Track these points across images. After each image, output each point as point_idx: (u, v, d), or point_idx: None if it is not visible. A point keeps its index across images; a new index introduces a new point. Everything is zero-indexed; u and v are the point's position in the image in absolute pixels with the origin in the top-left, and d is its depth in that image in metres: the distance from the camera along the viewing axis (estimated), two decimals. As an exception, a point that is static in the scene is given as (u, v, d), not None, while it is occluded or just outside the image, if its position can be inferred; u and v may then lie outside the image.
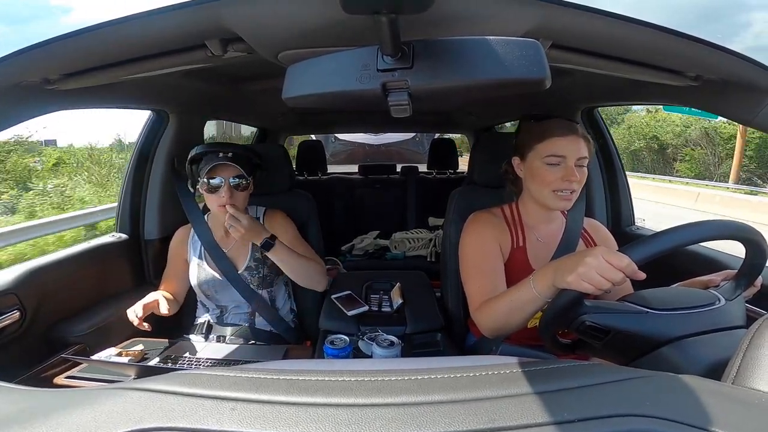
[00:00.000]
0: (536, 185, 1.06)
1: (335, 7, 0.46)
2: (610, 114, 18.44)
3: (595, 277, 0.68)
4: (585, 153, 1.02)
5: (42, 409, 0.39)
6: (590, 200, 1.65)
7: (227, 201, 1.23)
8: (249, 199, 1.37)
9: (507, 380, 0.42)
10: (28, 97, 0.87)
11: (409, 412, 0.37)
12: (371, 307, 1.31)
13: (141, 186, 1.61)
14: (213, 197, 1.25)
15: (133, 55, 0.81)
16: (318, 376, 0.44)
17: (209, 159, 1.24)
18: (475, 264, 1.09)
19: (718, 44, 0.66)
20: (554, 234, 1.15)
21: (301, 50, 0.76)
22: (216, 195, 1.24)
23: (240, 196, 1.27)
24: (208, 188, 1.24)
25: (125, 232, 1.59)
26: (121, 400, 0.39)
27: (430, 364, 0.55)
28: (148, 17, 0.63)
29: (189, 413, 0.37)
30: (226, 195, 1.23)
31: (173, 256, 1.43)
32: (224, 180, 1.24)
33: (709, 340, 0.69)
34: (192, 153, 1.29)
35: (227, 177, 1.24)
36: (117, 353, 1.13)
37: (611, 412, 0.36)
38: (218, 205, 1.25)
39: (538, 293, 0.79)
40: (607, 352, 0.76)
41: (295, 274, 1.31)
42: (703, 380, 0.43)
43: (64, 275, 1.29)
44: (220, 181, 1.24)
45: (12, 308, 1.08)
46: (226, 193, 1.23)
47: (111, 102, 1.25)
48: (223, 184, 1.24)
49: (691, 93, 0.93)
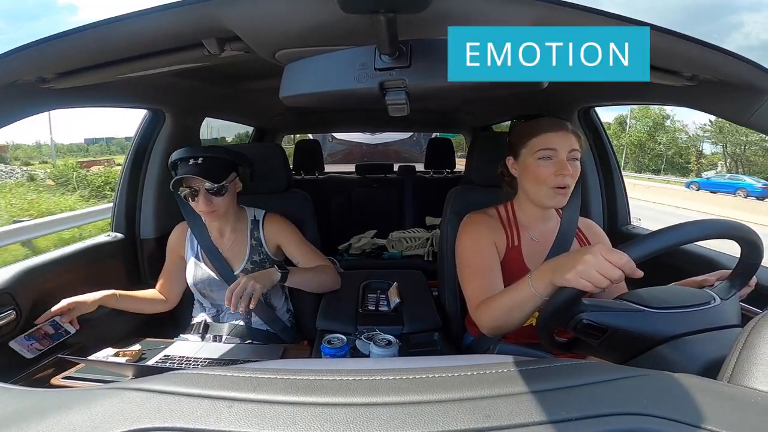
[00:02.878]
0: (530, 182, 1.07)
1: (333, 6, 0.46)
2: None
3: (594, 275, 0.69)
4: (576, 146, 1.03)
5: (38, 409, 0.39)
6: (586, 199, 1.66)
7: (205, 208, 1.23)
8: (241, 198, 1.37)
9: (504, 379, 0.42)
10: (23, 95, 0.86)
11: (406, 411, 0.37)
12: (368, 306, 1.31)
13: (137, 185, 1.60)
14: (194, 204, 1.25)
15: (129, 54, 0.81)
16: (315, 376, 0.44)
17: (182, 167, 1.23)
18: (472, 264, 1.09)
19: (714, 44, 0.66)
20: (549, 233, 1.15)
21: (298, 49, 0.75)
22: (195, 202, 1.24)
23: (219, 201, 1.25)
24: (187, 196, 1.24)
25: (121, 231, 1.59)
26: (117, 400, 0.39)
27: (427, 363, 0.55)
28: (145, 16, 0.63)
29: (186, 413, 0.37)
30: (203, 203, 1.22)
31: (170, 252, 1.42)
32: (199, 189, 1.22)
33: (704, 339, 0.69)
34: (171, 158, 1.27)
35: (200, 185, 1.22)
36: (114, 353, 1.12)
37: (608, 411, 0.36)
38: (200, 211, 1.25)
39: (537, 291, 0.79)
40: (604, 350, 0.76)
41: (312, 288, 1.33)
42: (699, 379, 0.43)
43: (59, 275, 1.28)
44: (195, 191, 1.22)
45: (7, 308, 1.07)
46: (203, 201, 1.22)
47: (107, 101, 1.25)
48: (198, 192, 1.22)
49: (687, 93, 0.94)
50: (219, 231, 1.37)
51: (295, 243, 1.38)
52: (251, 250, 1.36)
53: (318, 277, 1.33)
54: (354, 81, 0.54)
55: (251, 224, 1.38)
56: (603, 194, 1.75)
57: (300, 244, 1.38)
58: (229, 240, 1.37)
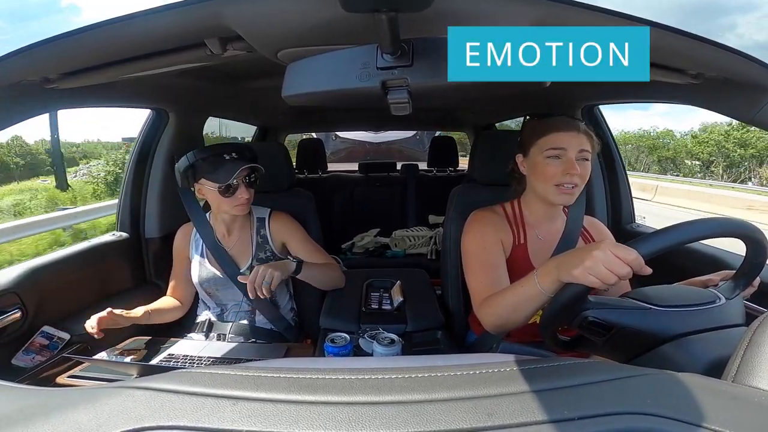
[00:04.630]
0: (538, 180, 1.07)
1: (335, 5, 0.46)
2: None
3: (603, 271, 0.68)
4: (587, 147, 1.03)
5: (43, 408, 0.39)
6: (591, 198, 1.65)
7: (247, 196, 1.25)
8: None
9: (507, 378, 0.42)
10: (27, 96, 0.87)
11: (409, 410, 0.37)
12: (371, 304, 1.31)
13: (141, 184, 1.61)
14: (229, 200, 1.25)
15: (132, 54, 0.81)
16: (319, 375, 0.44)
17: (218, 162, 1.23)
18: (478, 260, 1.09)
19: (719, 42, 0.66)
20: (555, 232, 1.15)
21: (300, 48, 0.75)
22: (233, 197, 1.24)
23: (252, 192, 1.29)
24: (224, 191, 1.23)
25: (126, 230, 1.59)
26: (122, 398, 0.40)
27: (430, 362, 0.55)
28: (148, 16, 0.63)
29: (190, 412, 0.37)
30: (245, 194, 1.24)
31: (177, 255, 1.43)
32: (238, 180, 1.24)
33: (709, 338, 0.69)
34: (190, 159, 1.25)
35: (241, 176, 1.24)
36: (118, 352, 1.13)
37: (611, 410, 0.36)
38: (235, 205, 1.26)
39: (542, 288, 0.79)
40: (608, 349, 0.76)
41: (321, 283, 1.35)
42: (704, 378, 0.43)
43: (65, 274, 1.29)
44: (236, 183, 1.24)
45: (13, 307, 1.08)
46: (245, 192, 1.24)
47: (111, 101, 1.25)
48: (239, 184, 1.24)
49: (692, 91, 0.93)
50: (226, 229, 1.37)
51: (301, 241, 1.38)
52: (257, 247, 1.36)
53: (327, 273, 1.35)
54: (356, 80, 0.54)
55: (257, 222, 1.39)
56: (607, 193, 1.75)
57: (305, 242, 1.39)
58: (234, 238, 1.37)
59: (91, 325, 1.08)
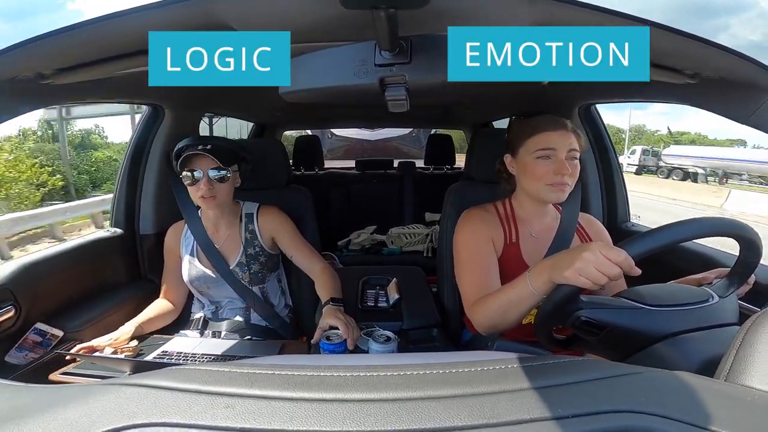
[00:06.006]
0: (528, 180, 1.07)
1: (333, 2, 0.46)
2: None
3: (593, 272, 0.68)
4: (575, 146, 1.03)
5: (36, 405, 0.39)
6: (586, 196, 1.66)
7: (206, 193, 1.23)
8: (241, 193, 1.37)
9: (502, 376, 0.42)
10: (22, 91, 0.86)
11: (404, 408, 0.37)
12: (367, 302, 1.31)
13: (136, 181, 1.60)
14: (193, 189, 1.25)
15: (127, 50, 0.80)
16: (313, 372, 0.44)
17: (188, 151, 1.24)
18: (469, 261, 1.09)
19: (716, 42, 0.66)
20: (548, 229, 1.15)
21: (298, 45, 0.75)
22: (196, 187, 1.24)
23: (221, 188, 1.27)
24: (189, 180, 1.24)
25: (120, 226, 1.59)
26: (115, 395, 0.39)
27: (426, 359, 0.55)
28: (142, 11, 0.62)
29: (183, 409, 0.37)
30: (205, 186, 1.23)
31: (168, 254, 1.42)
32: (203, 172, 1.23)
33: (702, 337, 0.69)
34: (176, 148, 1.27)
35: (206, 169, 1.24)
36: (112, 349, 1.12)
37: (605, 408, 0.36)
38: (199, 197, 1.25)
39: (534, 289, 0.79)
40: (602, 348, 0.76)
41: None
42: (696, 377, 0.43)
43: (59, 270, 1.28)
44: (199, 174, 1.23)
45: (6, 304, 1.07)
46: (206, 184, 1.23)
47: (106, 96, 1.24)
48: (202, 176, 1.23)
49: (689, 91, 0.93)
50: (214, 226, 1.37)
51: (290, 236, 1.38)
52: (246, 243, 1.36)
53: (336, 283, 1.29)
54: (354, 77, 0.53)
55: (245, 217, 1.38)
56: (603, 191, 1.75)
57: (294, 238, 1.38)
58: (223, 235, 1.37)
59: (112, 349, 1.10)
